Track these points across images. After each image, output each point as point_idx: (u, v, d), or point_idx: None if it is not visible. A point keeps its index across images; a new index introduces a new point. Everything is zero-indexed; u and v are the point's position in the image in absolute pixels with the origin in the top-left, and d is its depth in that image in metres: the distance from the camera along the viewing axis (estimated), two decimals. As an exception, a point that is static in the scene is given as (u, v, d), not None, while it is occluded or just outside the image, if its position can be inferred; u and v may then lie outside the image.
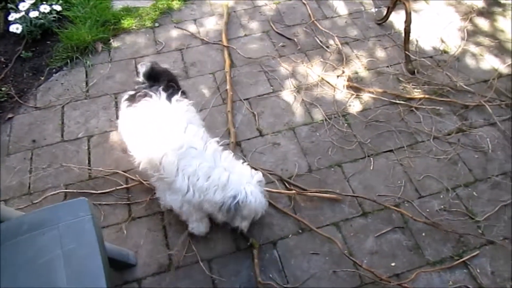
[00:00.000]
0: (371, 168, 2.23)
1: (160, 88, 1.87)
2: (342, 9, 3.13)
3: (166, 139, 1.73)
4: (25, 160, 2.35)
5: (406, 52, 2.63)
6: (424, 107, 2.47)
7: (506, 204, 2.07)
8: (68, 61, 2.83)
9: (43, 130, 2.49)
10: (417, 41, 2.83)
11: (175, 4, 3.20)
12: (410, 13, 2.55)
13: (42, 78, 2.77)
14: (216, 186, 1.67)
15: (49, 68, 2.82)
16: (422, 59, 2.71)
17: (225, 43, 2.86)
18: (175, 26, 3.04)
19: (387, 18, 2.90)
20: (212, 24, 3.06)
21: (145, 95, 1.87)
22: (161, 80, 1.94)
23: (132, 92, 1.96)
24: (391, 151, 2.29)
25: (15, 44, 2.99)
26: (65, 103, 2.61)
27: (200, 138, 1.77)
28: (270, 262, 1.92)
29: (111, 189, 2.18)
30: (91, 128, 2.48)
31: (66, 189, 2.20)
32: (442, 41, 2.85)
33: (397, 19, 2.97)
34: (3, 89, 2.70)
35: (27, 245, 1.33)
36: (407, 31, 2.60)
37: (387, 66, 2.71)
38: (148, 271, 1.91)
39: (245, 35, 2.97)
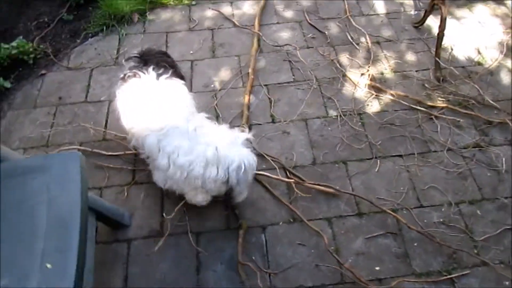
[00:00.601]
0: (376, 170, 2.19)
1: (150, 68, 1.92)
2: (380, 7, 3.06)
3: (149, 119, 1.79)
4: (49, 115, 2.49)
5: (436, 58, 2.55)
6: (444, 117, 2.39)
7: (510, 228, 1.98)
8: (104, 27, 2.96)
9: (70, 89, 2.62)
10: (451, 48, 2.72)
11: (214, -16, 3.25)
12: (445, 18, 2.45)
13: (78, 41, 2.91)
14: (203, 162, 1.70)
15: (86, 32, 2.96)
16: (453, 68, 2.61)
17: (256, 28, 2.87)
18: (210, 8, 3.09)
19: (424, 22, 2.81)
20: (247, 8, 3.09)
21: (135, 74, 1.93)
22: (153, 60, 1.99)
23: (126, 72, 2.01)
24: (400, 156, 2.24)
25: (59, 7, 3.15)
26: (94, 66, 2.73)
27: (184, 117, 1.79)
28: (255, 246, 1.95)
29: (120, 153, 2.27)
30: (114, 93, 2.58)
31: (80, 146, 2.32)
32: (479, 52, 2.73)
33: (435, 24, 2.87)
34: (41, 46, 2.86)
35: (18, 187, 1.43)
36: (440, 36, 2.51)
37: (415, 71, 2.63)
38: (139, 234, 1.99)
39: (278, 23, 2.98)
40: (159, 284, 1.84)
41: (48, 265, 1.27)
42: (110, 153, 2.27)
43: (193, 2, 3.14)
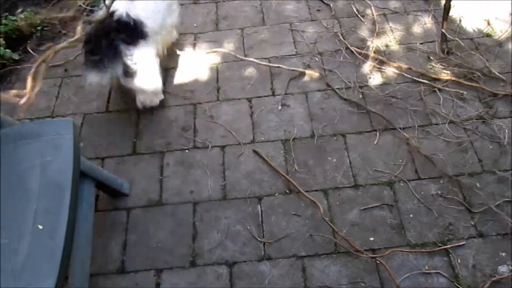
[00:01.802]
0: (375, 143, 2.18)
1: None
2: (389, -22, 2.99)
3: None
4: (55, 86, 2.55)
5: (442, 30, 2.48)
6: (448, 89, 2.34)
7: (509, 200, 1.96)
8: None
9: (75, 63, 2.65)
10: (460, 20, 2.65)
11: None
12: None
13: (85, 14, 2.93)
14: None
15: (93, 4, 2.97)
16: (460, 39, 2.54)
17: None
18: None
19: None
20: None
21: None
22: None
23: None
24: (400, 128, 2.22)
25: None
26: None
27: None
28: (251, 216, 1.97)
29: (123, 126, 2.32)
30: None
31: (83, 117, 2.37)
32: (488, 24, 2.65)
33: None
34: (50, 19, 2.90)
35: (12, 151, 1.48)
36: (447, 7, 2.44)
37: (421, 43, 2.58)
38: (138, 203, 2.04)
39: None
40: (156, 252, 1.89)
41: (40, 226, 1.32)
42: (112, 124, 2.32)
43: (198, -26, 3.12)
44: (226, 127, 2.27)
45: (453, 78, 2.37)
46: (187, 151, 2.19)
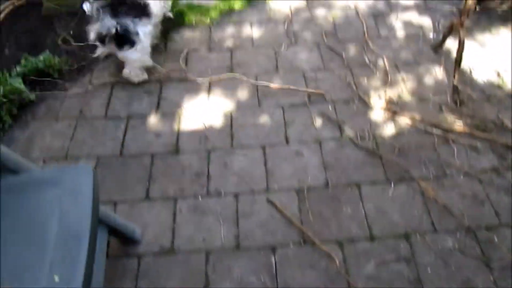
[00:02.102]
0: (390, 194, 2.16)
1: None
2: (399, 30, 3.06)
3: None
4: (69, 128, 2.56)
5: (454, 81, 2.52)
6: (461, 140, 2.35)
7: (528, 256, 1.92)
8: (127, 46, 3.04)
9: (91, 105, 2.69)
10: (470, 71, 2.70)
11: (236, 6, 3.31)
12: (463, 41, 2.44)
13: (103, 57, 3.00)
14: None
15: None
16: (472, 91, 2.58)
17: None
18: (230, 25, 3.16)
19: (442, 45, 2.80)
20: (268, 29, 3.13)
21: None
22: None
23: None
24: (415, 179, 2.21)
25: (88, 23, 3.25)
26: (115, 83, 2.81)
27: None
28: (265, 266, 1.93)
29: (137, 170, 2.32)
30: (133, 110, 2.64)
31: (97, 160, 2.37)
32: (499, 75, 2.69)
33: (455, 47, 2.84)
34: (68, 61, 2.96)
35: (31, 198, 1.47)
36: (458, 59, 2.49)
37: (432, 94, 2.61)
38: (149, 250, 2.01)
39: (296, 43, 3.01)
40: (167, 301, 1.85)
41: (56, 278, 1.29)
42: (127, 169, 2.32)
43: (214, 22, 3.21)
44: (240, 175, 2.27)
45: (466, 129, 2.38)
46: (200, 198, 2.18)
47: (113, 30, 2.52)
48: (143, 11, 2.64)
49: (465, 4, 2.43)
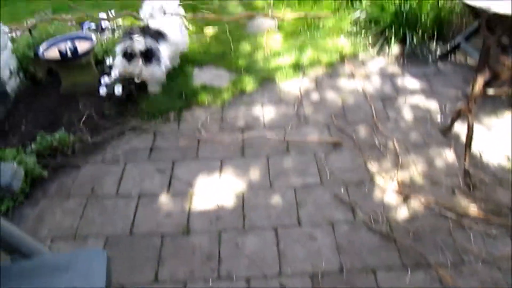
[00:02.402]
0: (407, 281, 2.09)
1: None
2: (407, 113, 3.14)
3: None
4: (80, 206, 2.56)
5: (465, 166, 2.54)
6: (476, 225, 2.32)
7: None
8: (141, 123, 3.12)
9: (102, 182, 2.71)
10: (480, 155, 2.72)
11: (248, 88, 3.44)
12: (472, 126, 2.49)
13: (115, 136, 3.06)
14: None
15: (124, 127, 3.12)
16: (483, 174, 2.58)
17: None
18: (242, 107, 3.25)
19: (451, 128, 2.85)
20: (278, 110, 3.22)
21: None
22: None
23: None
24: (432, 266, 2.14)
25: (103, 102, 3.37)
26: (128, 161, 2.84)
27: None
28: None
29: (146, 251, 2.27)
30: (144, 188, 2.65)
31: (106, 239, 2.34)
32: (508, 159, 2.71)
33: (463, 130, 2.90)
34: (81, 138, 3.03)
35: (44, 283, 1.43)
36: (468, 144, 2.53)
37: (444, 177, 2.62)
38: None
39: (306, 123, 3.08)
40: None
41: None
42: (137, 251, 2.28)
43: (226, 103, 3.31)
44: (252, 257, 2.21)
45: (480, 214, 2.36)
46: (211, 281, 2.11)
47: (140, 47, 3.13)
48: (161, 36, 3.32)
49: (472, 91, 2.51)
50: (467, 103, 2.55)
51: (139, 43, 3.14)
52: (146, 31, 3.26)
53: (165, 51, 3.32)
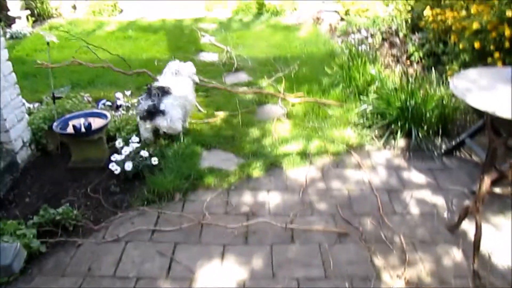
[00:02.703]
0: None
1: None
2: (413, 207, 3.12)
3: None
4: (75, 285, 2.47)
5: (474, 267, 2.46)
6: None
7: None
8: (146, 202, 3.12)
9: (101, 261, 2.64)
10: (489, 256, 2.65)
11: (255, 173, 3.47)
12: (480, 226, 2.46)
13: (119, 213, 3.05)
14: None
15: (128, 205, 3.11)
16: (493, 277, 2.49)
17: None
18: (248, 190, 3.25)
19: (458, 226, 2.81)
20: (284, 198, 3.22)
21: None
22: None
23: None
24: None
25: (109, 178, 3.40)
26: (129, 241, 2.79)
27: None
28: None
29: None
30: (143, 270, 2.57)
31: (98, 325, 2.23)
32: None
33: (470, 228, 2.86)
34: (83, 214, 3.01)
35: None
36: (477, 245, 2.48)
37: (453, 278, 2.53)
38: None
39: (311, 212, 3.06)
40: None
41: None
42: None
43: (232, 187, 3.32)
44: None
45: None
46: None
47: (145, 108, 3.63)
48: (165, 92, 3.72)
49: (479, 191, 2.52)
50: (474, 202, 2.54)
51: (143, 105, 3.67)
52: (151, 90, 3.74)
53: (169, 103, 3.69)
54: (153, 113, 3.62)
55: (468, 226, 2.87)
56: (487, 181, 2.50)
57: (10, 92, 3.45)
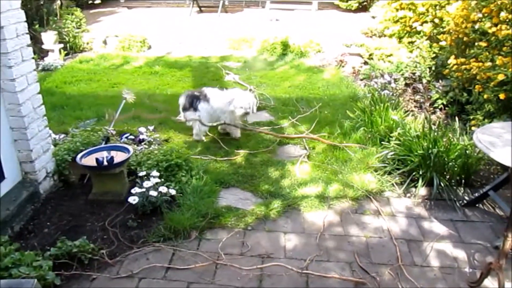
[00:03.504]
0: None
1: None
2: (433, 260, 3.03)
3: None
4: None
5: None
6: None
7: None
8: (162, 239, 3.11)
9: None
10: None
11: (272, 214, 3.45)
12: (503, 286, 2.37)
13: (135, 249, 3.05)
14: None
15: (144, 240, 3.12)
16: None
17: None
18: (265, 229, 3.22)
19: (480, 284, 2.71)
20: (299, 242, 3.18)
21: None
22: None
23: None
24: None
25: (127, 213, 3.42)
26: (143, 277, 2.78)
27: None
28: None
29: None
30: None
31: None
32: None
33: (493, 286, 2.75)
34: (102, 249, 3.02)
35: None
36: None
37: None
38: None
39: (327, 258, 3.00)
40: None
41: None
42: None
43: (249, 227, 3.30)
44: None
45: None
46: None
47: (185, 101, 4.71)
48: (203, 97, 4.69)
49: (503, 247, 2.44)
50: (497, 259, 2.46)
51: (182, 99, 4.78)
52: (194, 93, 4.79)
53: (203, 106, 4.65)
54: (187, 108, 4.71)
55: (490, 284, 2.76)
56: (511, 237, 2.42)
57: (38, 124, 3.56)
